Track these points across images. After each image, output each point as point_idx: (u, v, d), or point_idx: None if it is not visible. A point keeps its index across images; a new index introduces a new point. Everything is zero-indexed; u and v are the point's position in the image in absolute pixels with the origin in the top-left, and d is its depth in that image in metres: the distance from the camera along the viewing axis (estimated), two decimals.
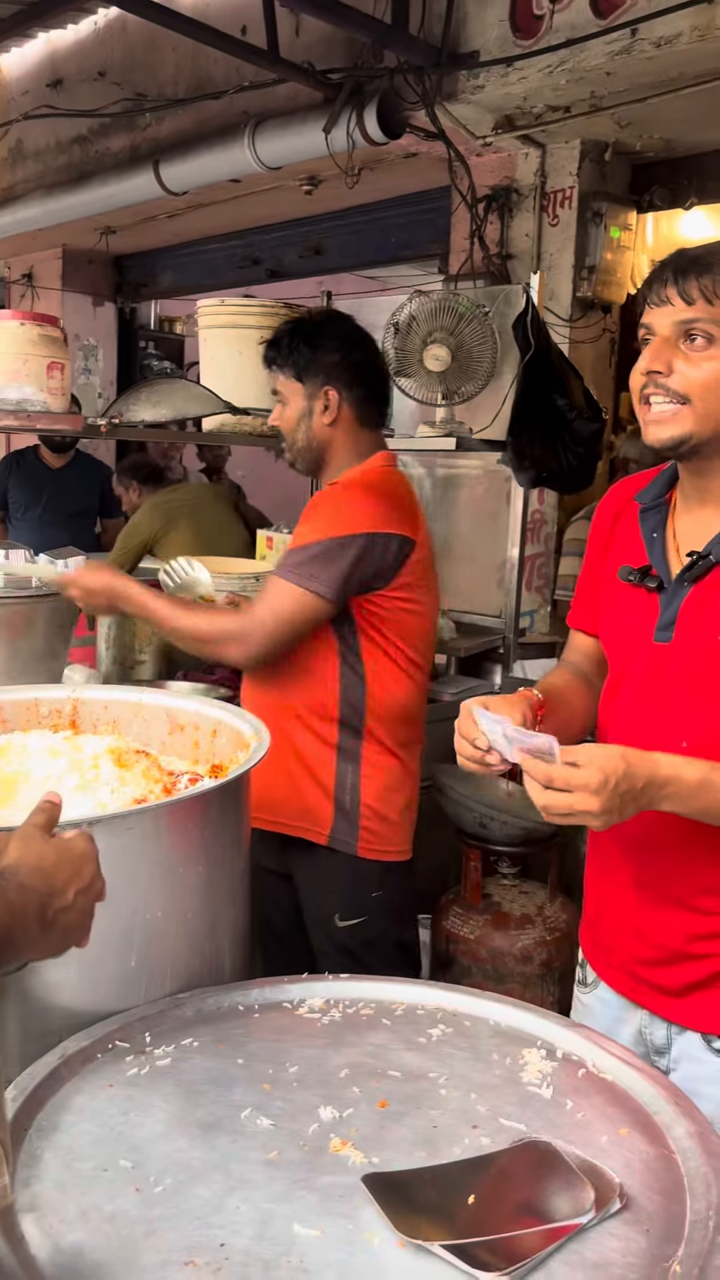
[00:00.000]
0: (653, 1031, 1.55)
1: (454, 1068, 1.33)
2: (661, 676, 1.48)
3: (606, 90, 3.56)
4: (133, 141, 4.96)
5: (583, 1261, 1.02)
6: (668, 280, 1.40)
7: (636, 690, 1.52)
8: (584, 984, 1.69)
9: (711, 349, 1.38)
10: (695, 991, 1.50)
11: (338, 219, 5.34)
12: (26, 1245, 1.02)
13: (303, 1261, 1.00)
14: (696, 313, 1.38)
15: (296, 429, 2.21)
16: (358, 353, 2.21)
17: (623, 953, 1.58)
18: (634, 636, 1.53)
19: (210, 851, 1.53)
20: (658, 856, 1.49)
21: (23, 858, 0.95)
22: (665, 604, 1.48)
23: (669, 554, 1.51)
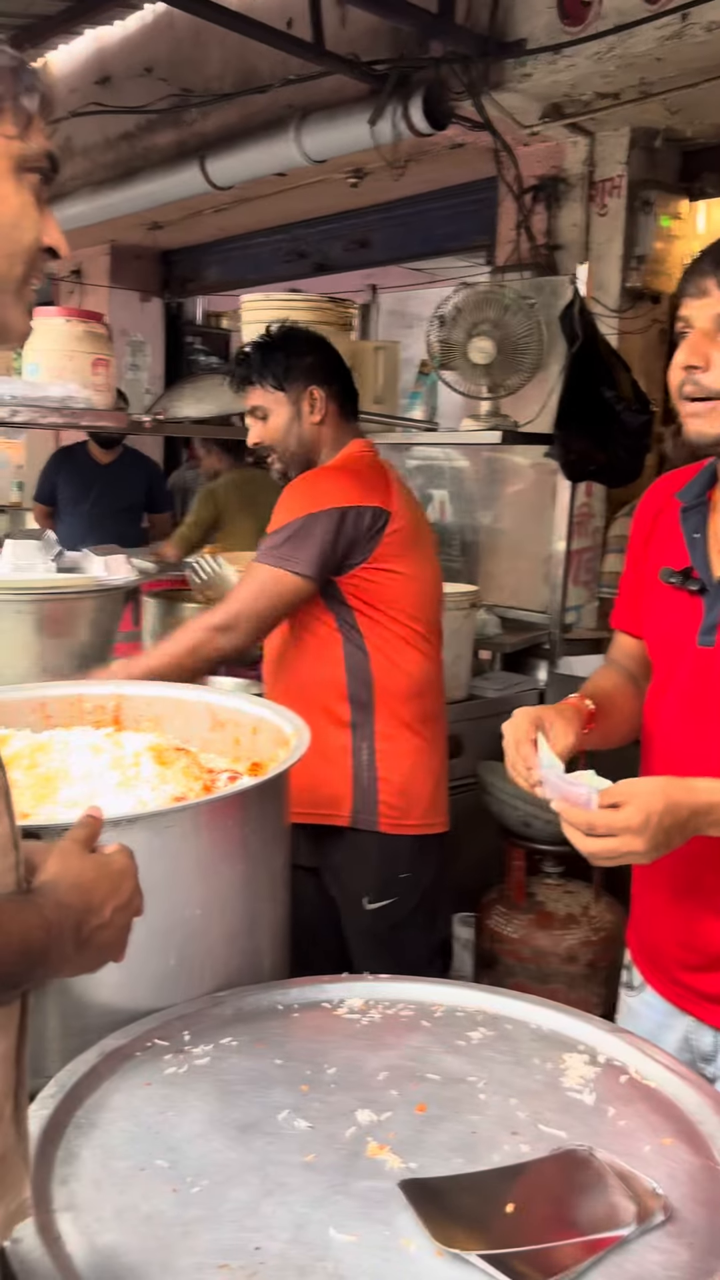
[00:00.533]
0: (699, 1038, 1.52)
1: (494, 1072, 1.32)
2: (706, 681, 1.45)
3: (657, 76, 3.50)
4: (179, 137, 4.96)
5: (623, 1274, 1.00)
6: (706, 271, 1.37)
7: (681, 695, 1.49)
8: (630, 987, 1.67)
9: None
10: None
11: (383, 211, 5.31)
12: (63, 1244, 1.02)
13: (338, 1268, 0.99)
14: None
15: (287, 437, 2.26)
16: (326, 351, 2.31)
17: (667, 958, 1.56)
18: (678, 640, 1.50)
19: (250, 849, 1.52)
20: (701, 864, 1.46)
21: (61, 874, 0.93)
22: (709, 606, 1.45)
23: (711, 555, 1.47)
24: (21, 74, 0.89)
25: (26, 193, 0.90)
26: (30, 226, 0.90)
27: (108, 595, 2.63)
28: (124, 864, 1.01)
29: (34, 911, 0.88)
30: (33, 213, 0.91)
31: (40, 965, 0.88)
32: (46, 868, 0.94)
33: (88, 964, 0.96)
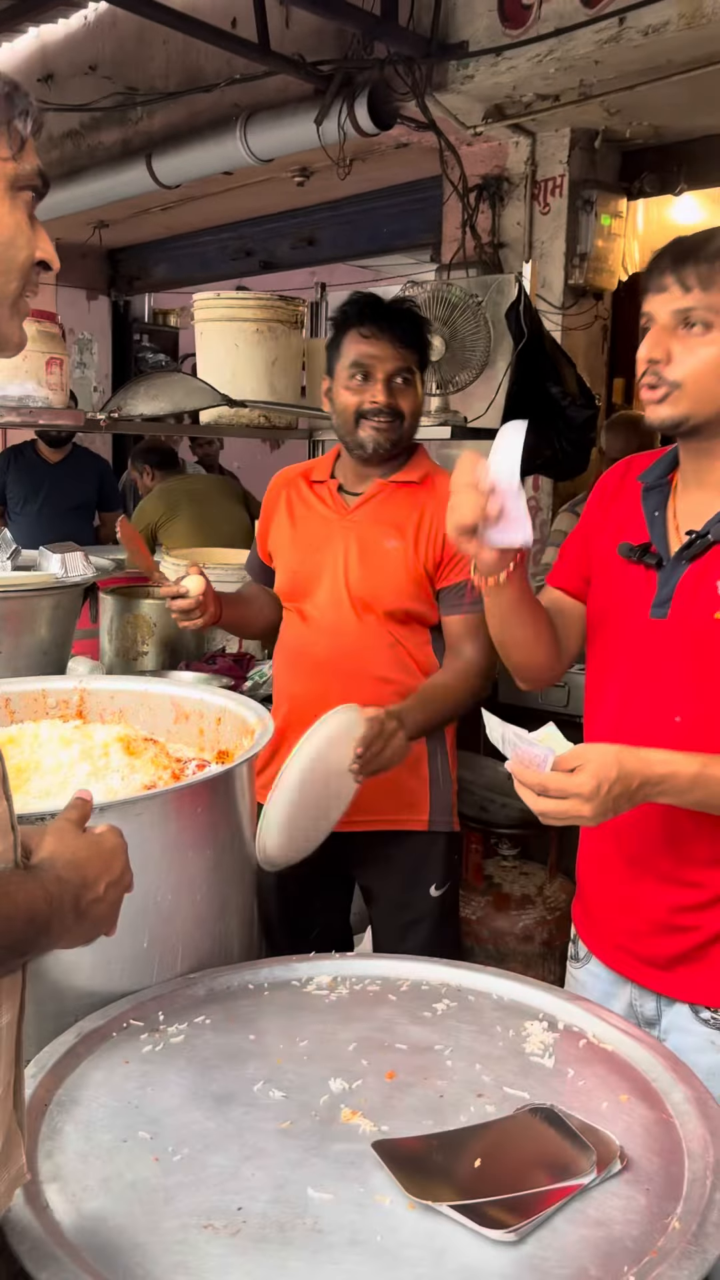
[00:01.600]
0: (643, 1004, 1.59)
1: (459, 1040, 1.38)
2: (656, 652, 1.52)
3: (595, 78, 3.58)
4: (125, 135, 4.97)
5: (586, 1219, 1.06)
6: (665, 268, 1.44)
7: (631, 665, 1.55)
8: (576, 959, 1.73)
9: (709, 335, 1.41)
10: (682, 964, 1.54)
11: (330, 210, 5.36)
12: (51, 1213, 1.06)
13: (317, 1223, 1.05)
14: (693, 300, 1.41)
15: (418, 413, 2.20)
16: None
17: (612, 926, 1.62)
18: (629, 612, 1.56)
19: (218, 835, 1.57)
20: (645, 832, 1.53)
21: (58, 851, 0.98)
22: (663, 581, 1.52)
23: (669, 532, 1.54)
24: (15, 98, 0.94)
25: (20, 211, 0.95)
26: (25, 243, 0.95)
27: (65, 592, 2.65)
28: (115, 842, 1.06)
29: (37, 885, 0.93)
30: (26, 230, 0.95)
31: (44, 935, 0.93)
32: (43, 846, 0.98)
33: (84, 935, 1.01)
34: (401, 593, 2.13)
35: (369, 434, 2.12)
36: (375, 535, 2.14)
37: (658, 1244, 1.03)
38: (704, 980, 1.52)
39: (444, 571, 2.13)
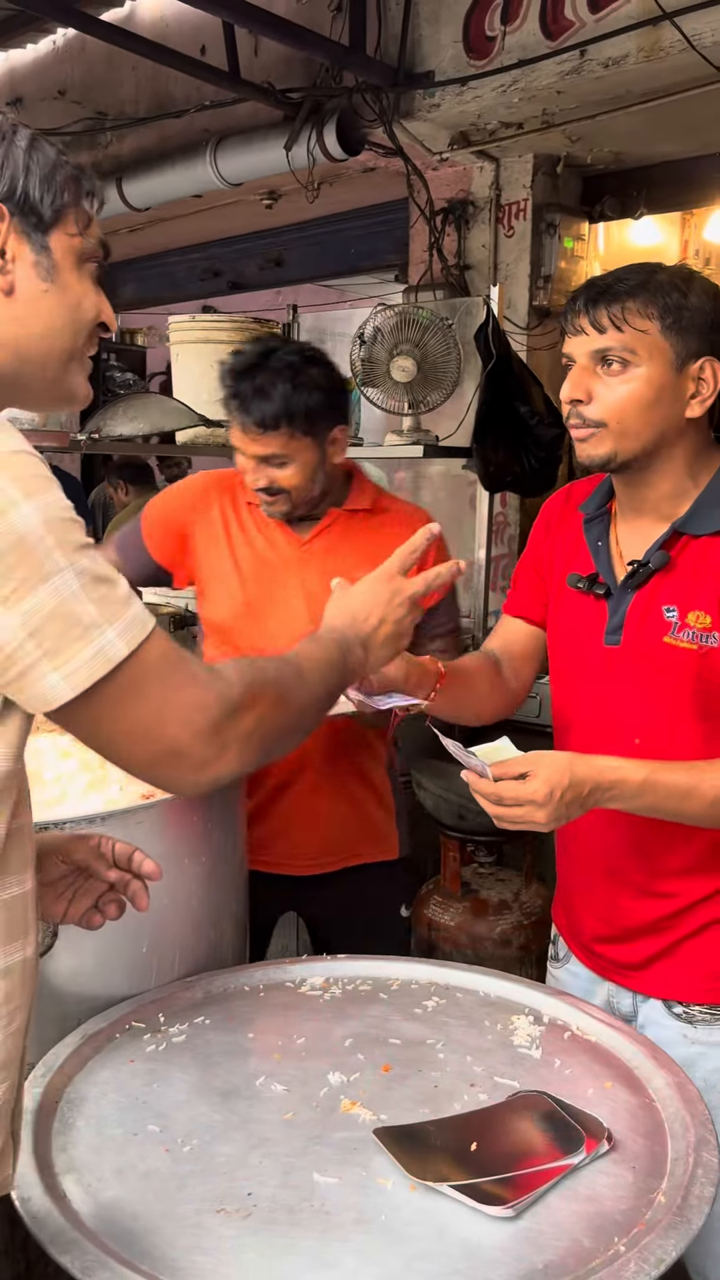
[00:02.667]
0: (620, 1001, 1.65)
1: (450, 1034, 1.44)
2: (612, 678, 1.58)
3: (558, 108, 3.69)
4: (95, 159, 5.02)
5: (576, 1195, 1.13)
6: (579, 310, 1.49)
7: (590, 691, 1.62)
8: (556, 959, 1.79)
9: (627, 372, 1.46)
10: (654, 963, 1.60)
11: (298, 231, 5.44)
12: (69, 1201, 1.11)
13: (324, 1205, 1.10)
14: (608, 340, 1.46)
15: (313, 482, 1.99)
16: (335, 369, 2.05)
17: (587, 933, 1.69)
18: (584, 640, 1.62)
19: (213, 843, 1.62)
20: (619, 846, 1.60)
21: (334, 611, 1.35)
22: (613, 609, 1.58)
23: (614, 561, 1.60)
24: (81, 180, 1.03)
25: (87, 279, 1.05)
26: (90, 307, 1.05)
27: None
28: (386, 589, 1.35)
29: (315, 643, 1.24)
30: (92, 295, 1.05)
31: (345, 665, 1.25)
32: (326, 618, 1.34)
33: (380, 655, 1.34)
34: None
35: (263, 505, 2.03)
36: (339, 568, 1.93)
37: (645, 1217, 1.09)
38: (675, 977, 1.59)
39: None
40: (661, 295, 1.45)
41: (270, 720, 1.04)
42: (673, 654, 1.51)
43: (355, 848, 2.12)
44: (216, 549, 2.10)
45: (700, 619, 1.49)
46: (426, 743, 3.28)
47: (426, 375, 3.24)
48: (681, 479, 1.54)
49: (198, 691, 0.97)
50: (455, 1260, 1.03)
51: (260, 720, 1.02)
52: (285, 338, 2.05)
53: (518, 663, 1.77)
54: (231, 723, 0.99)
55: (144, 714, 0.94)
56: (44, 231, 1.01)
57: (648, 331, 1.44)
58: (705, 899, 1.55)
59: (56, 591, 0.87)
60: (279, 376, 1.91)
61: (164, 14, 4.52)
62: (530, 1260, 1.03)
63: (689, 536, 1.53)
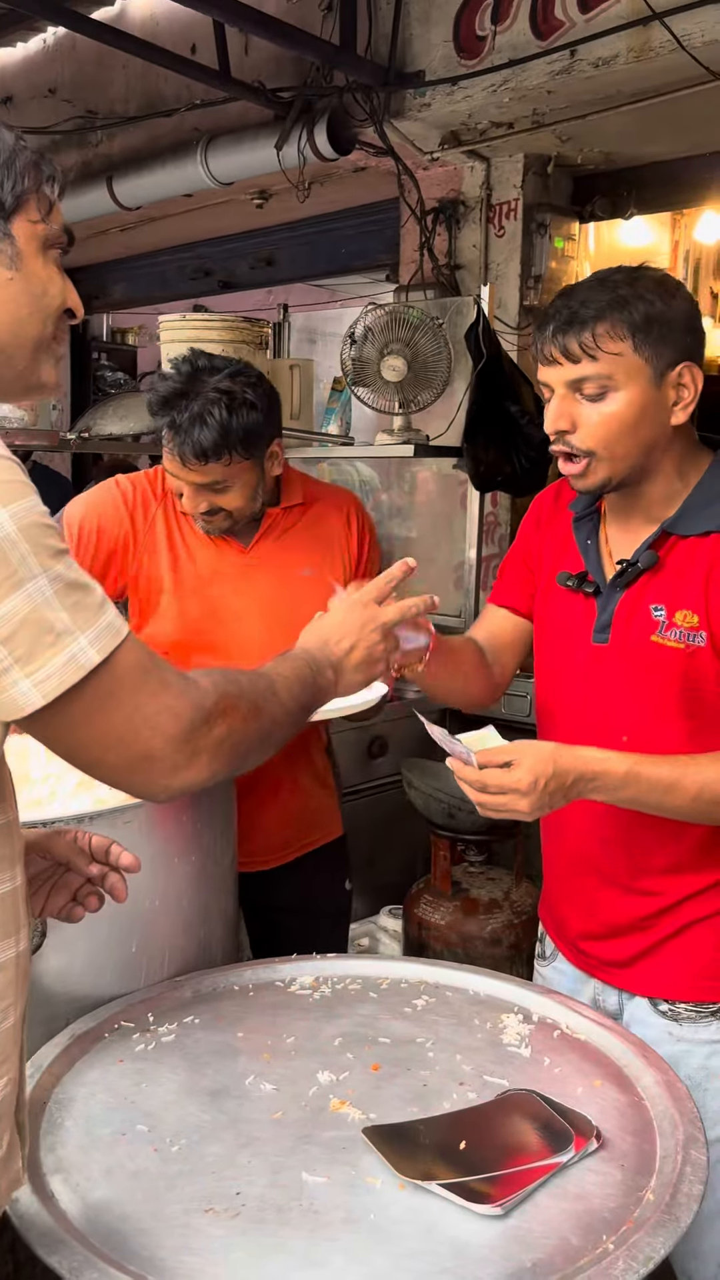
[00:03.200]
0: (606, 998, 1.66)
1: (439, 1033, 1.44)
2: (600, 675, 1.59)
3: (548, 107, 3.69)
4: (84, 158, 5.01)
5: (566, 1194, 1.13)
6: (549, 339, 1.46)
7: (578, 689, 1.62)
8: (543, 957, 1.80)
9: (606, 398, 1.44)
10: (640, 960, 1.61)
11: (289, 230, 5.43)
12: (57, 1201, 1.11)
13: (312, 1204, 1.10)
14: (583, 370, 1.43)
15: (254, 500, 1.97)
16: (266, 384, 1.98)
17: (572, 931, 1.69)
18: (572, 638, 1.63)
19: (202, 842, 1.62)
20: (604, 844, 1.60)
21: (308, 634, 1.37)
22: (601, 607, 1.59)
23: (603, 560, 1.61)
24: (42, 166, 1.03)
25: (51, 265, 1.04)
26: (56, 294, 1.04)
27: None
28: (361, 615, 1.37)
29: (288, 662, 1.24)
30: (58, 281, 1.04)
31: (315, 684, 1.25)
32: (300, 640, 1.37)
33: (350, 681, 1.34)
34: None
35: (204, 526, 1.99)
36: (286, 565, 2.05)
37: (634, 1214, 1.10)
38: (660, 975, 1.59)
39: (359, 581, 2.12)
40: (630, 312, 1.42)
41: (242, 731, 1.04)
42: (660, 653, 1.51)
43: (306, 835, 2.14)
44: (155, 564, 2.04)
45: (688, 618, 1.50)
46: (416, 743, 3.28)
47: (417, 375, 3.24)
48: (671, 482, 1.54)
49: (171, 697, 0.97)
50: (444, 1259, 1.03)
51: (232, 730, 1.02)
52: (208, 355, 1.98)
53: (501, 652, 1.78)
54: (204, 730, 0.99)
55: (116, 720, 0.94)
56: (5, 219, 1.00)
57: (621, 354, 1.42)
58: (690, 897, 1.56)
59: (30, 598, 0.86)
60: (214, 404, 1.84)
61: (154, 12, 4.51)
62: (519, 1258, 1.03)
63: (677, 537, 1.53)
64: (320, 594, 2.02)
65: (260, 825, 2.02)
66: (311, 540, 2.08)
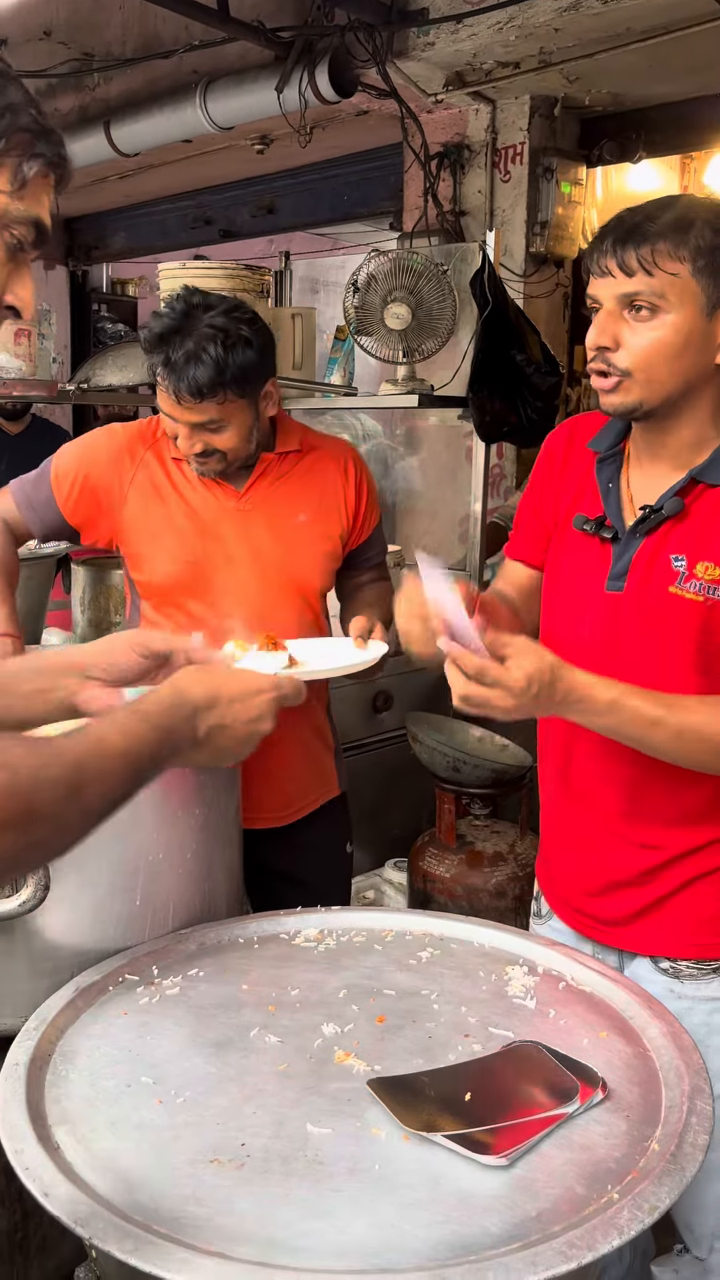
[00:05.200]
0: (605, 959, 1.64)
1: (444, 985, 1.43)
2: (614, 625, 1.54)
3: (555, 46, 3.61)
4: (81, 102, 4.91)
5: (571, 1144, 1.13)
6: (606, 250, 1.42)
7: (588, 637, 1.58)
8: (539, 916, 1.78)
9: (655, 319, 1.40)
10: (640, 918, 1.59)
11: (290, 177, 5.34)
12: (62, 1152, 1.11)
13: (317, 1155, 1.10)
14: (637, 285, 1.39)
15: (249, 441, 1.95)
16: (261, 322, 1.96)
17: (569, 889, 1.68)
18: (585, 584, 1.58)
19: (205, 795, 1.61)
20: (607, 798, 1.58)
21: (189, 681, 1.10)
22: (618, 555, 1.54)
23: (623, 505, 1.56)
24: (37, 141, 0.91)
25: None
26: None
27: (38, 564, 2.67)
28: (254, 684, 1.16)
29: (144, 726, 1.01)
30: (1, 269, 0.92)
31: (156, 768, 1.02)
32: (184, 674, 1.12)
33: (208, 758, 1.14)
34: (323, 568, 2.07)
35: (195, 466, 1.97)
36: (282, 511, 2.03)
37: (639, 1164, 1.09)
38: (662, 932, 1.58)
39: (355, 534, 2.11)
40: (695, 236, 1.37)
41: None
42: (677, 604, 1.48)
43: (309, 794, 2.13)
44: (149, 509, 2.02)
45: (709, 570, 1.46)
46: (421, 697, 3.27)
47: (421, 323, 3.19)
48: (704, 426, 1.49)
49: None
50: (449, 1208, 1.03)
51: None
52: (202, 293, 1.95)
53: (526, 604, 1.74)
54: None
55: None
56: None
57: (678, 275, 1.38)
58: (692, 851, 1.54)
59: None
60: (209, 341, 1.82)
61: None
62: (524, 1208, 1.03)
63: (705, 485, 1.48)
64: (314, 540, 2.04)
65: (261, 779, 2.01)
66: (307, 487, 2.06)
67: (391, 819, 3.08)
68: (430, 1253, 0.97)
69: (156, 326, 1.88)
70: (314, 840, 2.14)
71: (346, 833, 2.25)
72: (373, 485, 2.16)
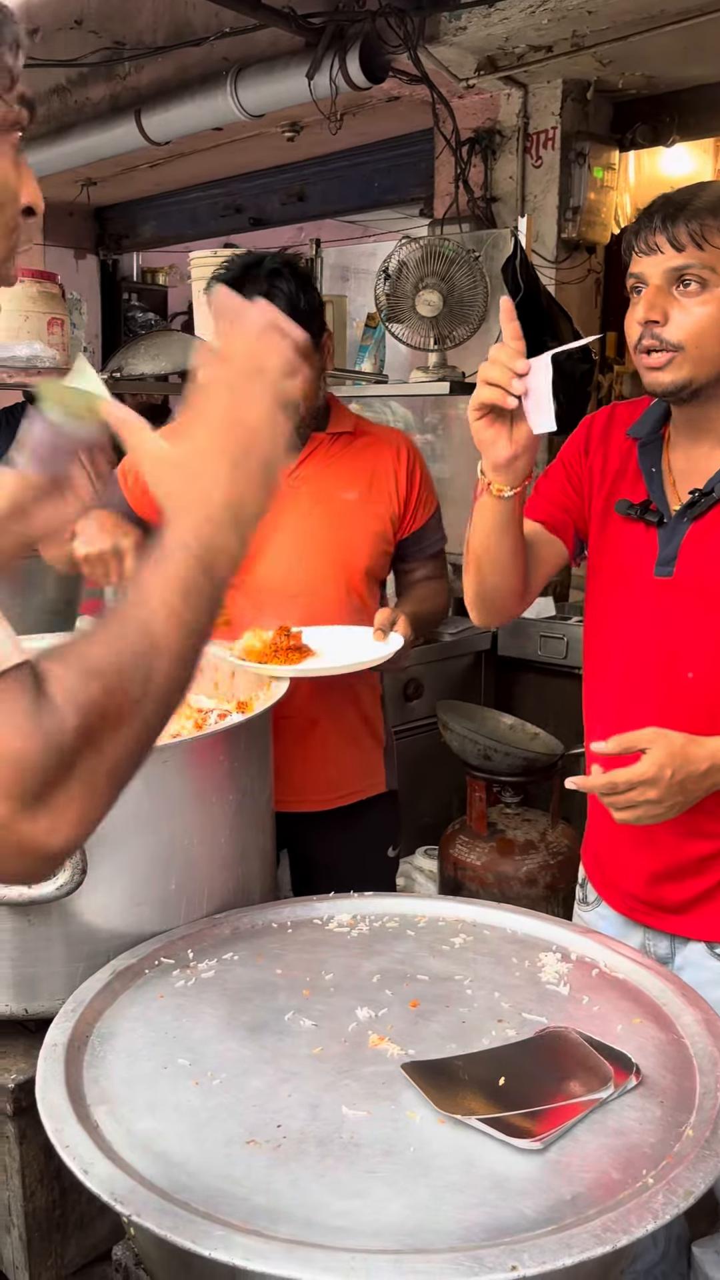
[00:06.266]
0: (656, 944, 1.64)
1: (477, 971, 1.44)
2: (665, 611, 1.54)
3: (588, 29, 3.57)
4: (112, 91, 4.92)
5: (605, 1129, 1.13)
6: (656, 228, 1.42)
7: (637, 623, 1.57)
8: (585, 902, 1.78)
9: (705, 293, 1.41)
10: (697, 905, 1.59)
11: (320, 165, 5.33)
12: (101, 1131, 1.12)
13: (353, 1138, 1.11)
14: (688, 258, 1.40)
15: (318, 389, 1.98)
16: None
17: (624, 874, 1.67)
18: (632, 570, 1.57)
19: (239, 781, 1.62)
20: None
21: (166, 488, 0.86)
22: (665, 540, 1.53)
23: (667, 489, 1.56)
24: (4, 28, 0.84)
25: (7, 153, 0.86)
26: (11, 190, 0.87)
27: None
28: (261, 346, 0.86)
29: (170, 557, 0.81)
30: (14, 175, 0.87)
31: (213, 577, 0.82)
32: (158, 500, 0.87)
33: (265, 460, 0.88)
34: (372, 549, 2.06)
35: None
36: (331, 489, 2.03)
37: (673, 1150, 1.09)
38: (717, 919, 1.58)
39: (407, 520, 2.09)
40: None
41: (117, 746, 0.75)
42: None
43: (353, 784, 2.12)
44: None
45: None
46: (452, 685, 3.27)
47: (453, 310, 3.18)
48: None
49: (16, 740, 0.70)
50: (484, 1191, 1.03)
51: (103, 757, 0.74)
52: (253, 253, 2.01)
53: (536, 564, 1.69)
54: (61, 775, 0.72)
55: None
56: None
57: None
58: None
59: None
60: (278, 278, 1.88)
61: None
62: (559, 1191, 1.03)
63: None
64: (363, 519, 2.03)
65: (301, 761, 2.01)
66: (357, 468, 2.07)
67: (422, 807, 3.09)
68: (465, 1234, 0.98)
69: (225, 275, 1.92)
70: (355, 835, 2.13)
71: (392, 834, 2.22)
72: (427, 473, 2.15)
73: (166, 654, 0.78)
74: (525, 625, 3.37)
